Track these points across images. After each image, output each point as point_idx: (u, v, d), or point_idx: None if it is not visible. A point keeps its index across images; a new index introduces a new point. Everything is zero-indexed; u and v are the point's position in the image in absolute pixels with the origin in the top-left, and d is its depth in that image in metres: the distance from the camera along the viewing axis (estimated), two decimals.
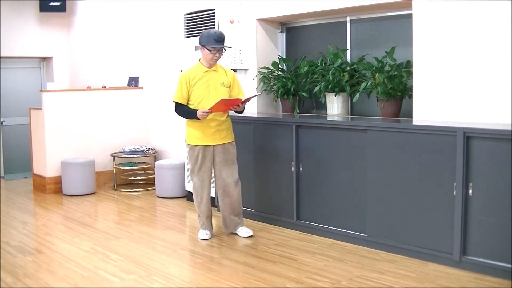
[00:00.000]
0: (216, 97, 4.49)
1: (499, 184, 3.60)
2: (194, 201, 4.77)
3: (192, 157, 4.64)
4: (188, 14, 5.98)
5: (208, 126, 4.56)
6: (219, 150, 4.64)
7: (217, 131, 4.60)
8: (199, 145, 4.59)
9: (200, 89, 4.54)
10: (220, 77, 4.61)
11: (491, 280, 3.62)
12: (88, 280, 3.80)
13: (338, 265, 3.99)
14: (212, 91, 4.55)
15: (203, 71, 4.57)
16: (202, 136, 4.58)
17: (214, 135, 4.59)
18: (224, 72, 4.68)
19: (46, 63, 9.07)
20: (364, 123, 4.41)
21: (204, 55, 4.55)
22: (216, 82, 4.58)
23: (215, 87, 4.56)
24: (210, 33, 4.52)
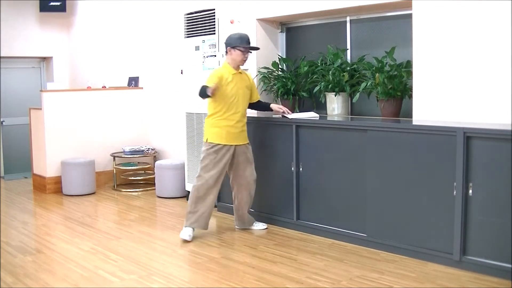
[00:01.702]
0: (243, 99, 4.70)
1: (499, 184, 3.60)
2: (194, 197, 4.66)
3: (213, 155, 4.63)
4: (188, 14, 5.98)
5: (234, 126, 4.66)
6: (242, 150, 4.75)
7: (241, 131, 4.73)
8: (224, 144, 4.64)
9: (231, 92, 4.63)
10: (245, 80, 4.77)
11: (491, 280, 3.62)
12: (88, 280, 3.80)
13: (338, 265, 3.99)
14: (241, 93, 4.69)
15: (232, 73, 4.67)
16: (228, 136, 4.65)
17: (239, 135, 4.71)
18: (246, 75, 4.84)
19: (46, 63, 9.07)
20: (364, 123, 4.41)
21: (235, 56, 4.66)
22: (242, 85, 4.72)
23: (242, 89, 4.71)
24: (242, 35, 4.70)
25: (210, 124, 4.69)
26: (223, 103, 4.62)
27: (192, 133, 6.02)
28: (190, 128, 6.05)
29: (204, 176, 4.66)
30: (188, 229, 4.68)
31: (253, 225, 5.00)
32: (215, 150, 4.64)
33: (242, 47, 4.63)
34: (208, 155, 4.66)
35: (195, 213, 4.68)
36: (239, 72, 4.74)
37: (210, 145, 4.66)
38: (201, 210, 4.68)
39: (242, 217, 4.94)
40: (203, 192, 4.66)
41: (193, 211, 4.69)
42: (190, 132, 6.05)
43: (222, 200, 5.65)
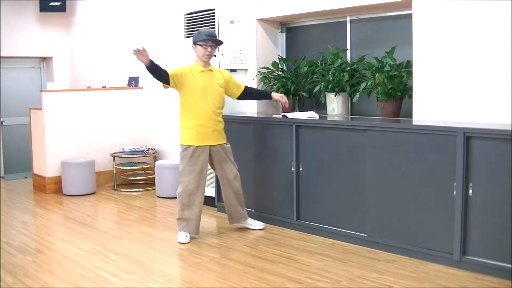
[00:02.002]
0: (213, 97, 4.57)
1: (499, 184, 3.60)
2: (180, 204, 4.62)
3: (187, 158, 4.57)
4: (188, 14, 5.98)
5: (204, 126, 4.56)
6: (217, 150, 4.67)
7: (214, 131, 4.62)
8: (196, 145, 4.57)
9: (198, 90, 4.55)
10: (216, 78, 4.66)
11: (491, 280, 3.62)
12: (88, 280, 3.80)
13: (338, 265, 3.99)
14: (210, 91, 4.58)
15: (199, 71, 4.59)
16: (199, 136, 4.57)
17: (211, 135, 4.61)
18: (219, 72, 4.74)
19: (46, 63, 9.07)
20: (364, 123, 4.41)
21: (197, 52, 4.60)
22: (213, 82, 4.62)
23: (213, 87, 4.60)
24: (201, 31, 4.62)
25: (182, 126, 4.63)
26: (190, 102, 4.55)
27: None
28: None
29: (183, 182, 4.59)
30: (182, 232, 4.67)
31: (247, 222, 4.95)
32: (189, 153, 4.56)
33: (201, 40, 4.54)
34: (183, 159, 4.59)
35: (184, 219, 4.64)
36: (210, 69, 4.64)
37: (183, 147, 4.60)
38: (188, 216, 4.62)
39: (232, 214, 4.91)
40: (186, 198, 4.60)
41: (181, 217, 4.65)
42: None
43: (222, 200, 5.63)
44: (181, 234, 4.66)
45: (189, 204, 4.61)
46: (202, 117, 4.56)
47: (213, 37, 4.58)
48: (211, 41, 4.57)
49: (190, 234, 4.67)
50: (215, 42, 4.60)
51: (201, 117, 4.56)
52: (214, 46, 4.62)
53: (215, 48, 4.67)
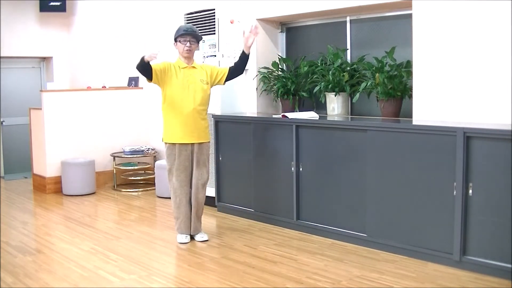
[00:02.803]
0: (195, 94, 4.51)
1: (499, 184, 3.60)
2: (172, 203, 4.63)
3: (171, 156, 4.55)
4: (188, 14, 5.99)
5: (186, 122, 4.50)
6: (198, 149, 4.60)
7: (195, 128, 4.54)
8: (178, 143, 4.52)
9: (179, 86, 4.50)
10: (198, 74, 4.59)
11: (491, 280, 3.62)
12: (88, 280, 3.80)
13: (338, 265, 3.99)
14: (192, 88, 4.52)
15: (181, 67, 4.56)
16: (181, 134, 4.51)
17: (193, 132, 4.54)
18: (202, 68, 4.66)
19: (46, 63, 9.07)
20: (364, 123, 4.41)
21: (178, 48, 4.57)
22: (195, 78, 4.56)
23: (195, 83, 4.54)
24: (180, 27, 4.58)
25: (164, 123, 4.60)
26: (172, 98, 4.51)
27: None
28: None
29: (171, 181, 4.59)
30: (180, 235, 4.66)
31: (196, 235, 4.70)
32: (172, 150, 4.53)
33: (180, 36, 4.50)
34: (168, 157, 4.57)
35: (178, 218, 4.65)
36: (192, 66, 4.59)
37: (166, 145, 4.58)
38: (177, 216, 4.63)
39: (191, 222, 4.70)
40: (174, 197, 4.60)
41: (176, 216, 4.66)
42: None
43: (222, 200, 5.65)
44: (180, 236, 4.65)
45: (178, 204, 4.60)
46: (183, 114, 4.50)
47: (191, 32, 4.52)
48: (190, 36, 4.51)
49: (183, 233, 4.65)
50: (195, 37, 4.54)
51: (182, 114, 4.50)
52: (194, 41, 4.55)
53: (195, 44, 4.58)
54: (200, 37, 4.61)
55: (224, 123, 5.56)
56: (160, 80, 4.50)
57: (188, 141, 4.53)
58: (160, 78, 4.49)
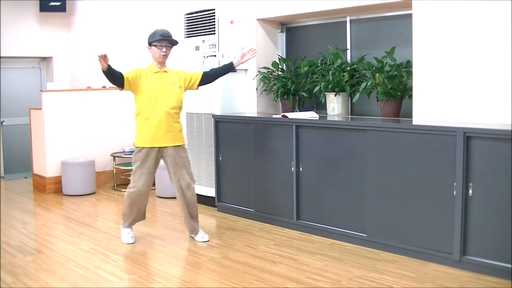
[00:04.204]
0: (167, 98, 4.53)
1: (499, 184, 3.60)
2: (128, 203, 4.59)
3: (139, 160, 4.53)
4: (188, 14, 5.98)
5: (158, 126, 4.51)
6: (169, 153, 4.58)
7: (168, 132, 4.55)
8: (149, 147, 4.53)
9: (151, 91, 4.52)
10: (170, 78, 4.61)
11: (491, 280, 3.62)
12: (88, 280, 3.80)
13: (338, 265, 3.99)
14: (165, 92, 4.54)
15: (153, 72, 4.57)
16: (153, 137, 4.52)
17: (165, 136, 4.54)
18: (174, 73, 4.68)
19: (46, 63, 9.07)
20: (364, 123, 4.41)
21: (153, 53, 4.57)
22: (167, 83, 4.58)
23: (167, 88, 4.56)
24: (155, 31, 4.57)
25: (137, 127, 4.61)
26: (144, 102, 4.53)
27: (192, 133, 6.02)
28: (190, 128, 6.05)
29: (135, 183, 4.55)
30: (127, 230, 4.69)
31: (197, 236, 4.72)
32: (141, 155, 4.53)
33: (156, 41, 4.51)
34: (136, 161, 4.56)
35: (130, 214, 4.66)
36: (164, 71, 4.61)
37: (137, 149, 4.57)
38: (135, 214, 4.66)
39: (185, 223, 4.77)
40: (136, 198, 4.58)
41: (127, 213, 4.66)
42: (190, 132, 6.06)
43: (222, 200, 5.65)
44: (125, 231, 4.68)
45: (138, 202, 4.61)
46: (155, 118, 4.51)
47: (168, 37, 4.53)
48: (166, 41, 4.53)
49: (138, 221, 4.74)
50: (170, 42, 4.56)
51: (154, 118, 4.51)
52: (170, 46, 4.57)
53: (171, 49, 4.61)
54: (176, 42, 4.63)
55: (224, 123, 5.56)
56: (132, 86, 4.53)
57: (161, 145, 4.54)
58: (133, 84, 4.52)
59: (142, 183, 4.53)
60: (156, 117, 4.50)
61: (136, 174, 4.55)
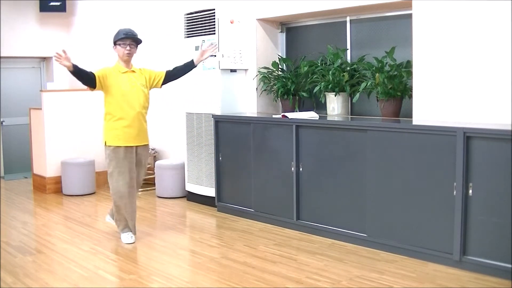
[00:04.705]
0: (138, 98, 4.59)
1: (499, 184, 3.60)
2: (115, 207, 4.63)
3: (115, 160, 4.54)
4: (188, 14, 5.98)
5: (131, 126, 4.56)
6: (139, 151, 4.68)
7: (140, 131, 4.62)
8: (124, 146, 4.55)
9: (121, 91, 4.55)
10: (138, 78, 4.67)
11: (491, 280, 3.62)
12: (88, 280, 3.80)
13: (338, 265, 3.99)
14: (134, 92, 4.59)
15: (121, 72, 4.61)
16: (127, 137, 4.56)
17: (137, 136, 4.61)
18: (140, 72, 4.73)
19: (46, 63, 9.07)
20: (364, 123, 4.41)
21: (118, 52, 4.63)
22: (136, 82, 4.63)
23: (136, 88, 4.61)
24: (119, 31, 4.64)
25: (107, 127, 4.61)
26: (113, 103, 4.55)
27: (192, 133, 6.02)
28: (190, 128, 6.06)
29: (114, 185, 4.57)
30: (126, 234, 4.68)
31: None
32: (117, 154, 4.54)
33: (120, 40, 4.57)
34: (111, 160, 4.57)
35: (121, 220, 4.67)
36: (132, 70, 4.66)
37: (109, 148, 4.57)
38: (124, 217, 4.66)
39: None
40: (119, 200, 4.59)
41: (118, 218, 4.68)
42: (190, 132, 6.06)
43: (222, 200, 5.65)
44: (125, 235, 4.66)
45: (123, 206, 4.60)
46: (128, 118, 4.54)
47: (131, 35, 4.59)
48: (130, 40, 4.58)
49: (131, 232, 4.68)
50: (134, 40, 4.61)
51: (127, 118, 4.54)
52: (134, 45, 4.62)
53: (135, 47, 4.66)
54: (140, 41, 4.69)
55: (224, 123, 5.56)
56: (103, 86, 4.55)
57: (134, 144, 4.60)
58: (104, 84, 4.54)
59: (119, 182, 4.55)
60: (129, 117, 4.56)
61: (112, 174, 4.56)
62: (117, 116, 4.55)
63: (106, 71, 4.58)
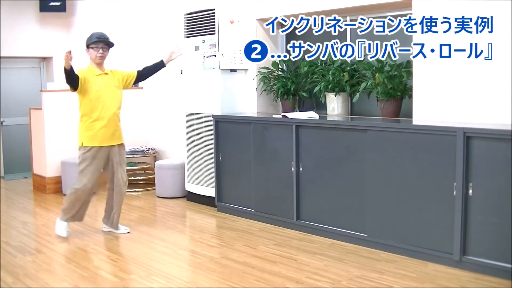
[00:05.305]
0: (113, 99, 4.73)
1: (499, 184, 3.60)
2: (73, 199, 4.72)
3: (89, 159, 4.66)
4: (188, 14, 5.98)
5: (106, 127, 4.68)
6: (116, 151, 4.79)
7: (115, 131, 4.75)
8: (99, 146, 4.67)
9: (97, 93, 4.66)
10: (112, 80, 4.81)
11: (491, 280, 3.62)
12: (88, 280, 3.80)
13: (338, 265, 3.99)
14: (108, 94, 4.72)
15: (95, 75, 4.72)
16: (103, 137, 4.68)
17: (112, 136, 4.74)
18: (112, 74, 4.88)
19: (46, 63, 9.06)
20: (364, 123, 4.41)
21: (91, 55, 4.79)
22: (110, 84, 4.77)
23: (110, 89, 4.75)
24: (92, 34, 4.81)
25: (83, 128, 4.71)
26: (90, 104, 4.66)
27: (192, 133, 6.02)
28: (190, 128, 6.06)
29: (82, 181, 4.68)
30: (63, 224, 4.80)
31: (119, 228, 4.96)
32: (91, 154, 4.66)
33: (92, 43, 4.71)
34: (84, 160, 4.68)
35: (71, 209, 4.77)
36: (105, 72, 4.79)
37: (85, 149, 4.67)
38: (77, 209, 4.78)
39: (113, 216, 4.93)
40: (82, 195, 4.72)
41: (69, 208, 4.77)
42: (190, 132, 6.06)
43: (222, 200, 5.65)
44: (61, 224, 4.79)
45: (81, 199, 4.74)
46: (105, 119, 4.68)
47: (103, 39, 4.74)
48: (103, 43, 4.74)
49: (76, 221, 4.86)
50: (107, 43, 4.78)
51: (104, 119, 4.67)
52: (106, 48, 4.79)
53: (107, 50, 4.82)
54: (112, 44, 4.85)
55: (224, 123, 5.56)
56: (83, 88, 4.65)
57: (110, 144, 4.73)
58: (83, 86, 4.64)
59: (89, 179, 4.67)
60: (105, 118, 4.68)
61: (84, 172, 4.68)
62: (93, 117, 4.67)
63: (84, 73, 4.69)
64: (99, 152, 4.69)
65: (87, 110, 4.68)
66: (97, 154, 4.68)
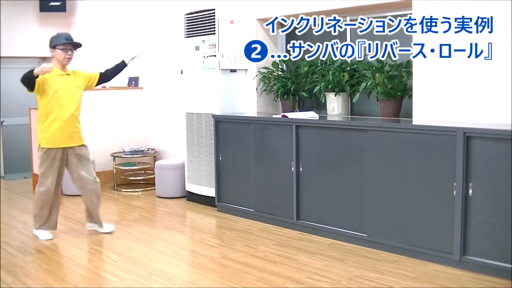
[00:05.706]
0: (72, 101, 4.73)
1: (499, 184, 3.60)
2: (40, 203, 4.74)
3: (48, 161, 4.70)
4: (188, 14, 5.98)
5: (64, 128, 4.69)
6: (75, 152, 4.78)
7: (73, 132, 4.76)
8: (56, 148, 4.69)
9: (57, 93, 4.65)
10: (74, 81, 4.80)
11: (491, 280, 3.62)
12: (88, 280, 3.80)
13: (338, 265, 3.99)
14: (69, 94, 4.72)
15: (57, 75, 4.69)
16: (60, 138, 4.69)
17: (70, 137, 4.75)
18: (74, 75, 4.85)
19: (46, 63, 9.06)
20: (364, 123, 4.42)
21: (57, 56, 4.71)
22: (71, 85, 4.76)
23: (72, 90, 4.75)
24: (59, 35, 4.75)
25: (41, 129, 4.73)
26: (49, 105, 4.66)
27: (192, 133, 6.02)
28: (190, 128, 6.06)
29: (45, 183, 4.72)
30: (40, 231, 4.79)
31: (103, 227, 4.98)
32: (49, 155, 4.69)
33: (61, 44, 4.66)
34: (44, 162, 4.71)
35: (41, 216, 4.77)
36: (67, 73, 4.76)
37: (43, 150, 4.70)
38: (47, 215, 4.78)
39: (91, 214, 4.96)
40: (47, 198, 4.73)
41: (40, 215, 4.77)
42: (190, 132, 6.06)
43: (222, 200, 5.65)
44: (43, 232, 4.77)
45: (49, 203, 4.75)
46: (63, 120, 4.68)
47: (72, 41, 4.74)
48: (71, 45, 4.71)
49: (50, 230, 4.81)
50: (74, 45, 4.75)
51: (62, 120, 4.68)
52: (73, 50, 4.77)
53: (74, 52, 4.80)
54: (80, 45, 4.83)
55: (224, 123, 5.56)
56: (41, 88, 4.63)
57: (67, 145, 4.74)
58: (42, 86, 4.62)
59: (51, 181, 4.71)
60: (63, 119, 4.69)
61: (45, 175, 4.72)
62: (50, 118, 4.69)
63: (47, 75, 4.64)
64: (57, 154, 4.69)
65: (45, 111, 4.69)
66: (56, 156, 4.69)
